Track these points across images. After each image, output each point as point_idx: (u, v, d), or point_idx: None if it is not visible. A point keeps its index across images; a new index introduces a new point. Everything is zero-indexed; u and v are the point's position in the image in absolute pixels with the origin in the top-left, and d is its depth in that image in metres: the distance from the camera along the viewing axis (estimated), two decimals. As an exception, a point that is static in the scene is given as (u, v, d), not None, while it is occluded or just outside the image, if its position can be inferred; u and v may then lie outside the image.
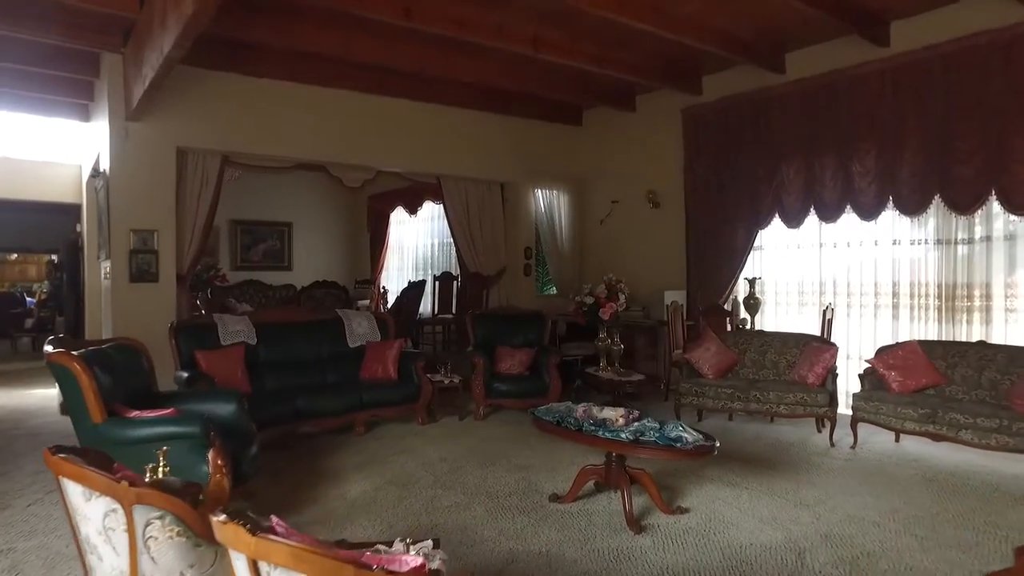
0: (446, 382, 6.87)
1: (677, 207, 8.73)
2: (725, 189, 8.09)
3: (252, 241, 12.31)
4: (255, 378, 6.11)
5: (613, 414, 4.41)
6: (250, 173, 11.87)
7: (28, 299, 15.86)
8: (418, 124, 8.62)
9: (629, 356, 7.53)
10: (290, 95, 7.72)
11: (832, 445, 5.80)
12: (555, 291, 10.34)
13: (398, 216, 12.20)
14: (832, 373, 5.96)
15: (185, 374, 5.50)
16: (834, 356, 6.00)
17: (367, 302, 11.45)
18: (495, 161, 9.40)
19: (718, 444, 4.03)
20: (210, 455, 3.72)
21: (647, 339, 8.02)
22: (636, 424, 4.18)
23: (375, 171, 8.65)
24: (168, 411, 3.78)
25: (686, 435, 3.97)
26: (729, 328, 7.58)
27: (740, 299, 7.90)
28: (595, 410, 4.49)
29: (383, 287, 12.04)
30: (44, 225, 13.41)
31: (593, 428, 4.15)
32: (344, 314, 6.98)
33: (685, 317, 8.02)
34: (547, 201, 9.83)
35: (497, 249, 9.66)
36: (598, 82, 8.60)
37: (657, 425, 4.15)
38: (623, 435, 3.99)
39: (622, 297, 6.89)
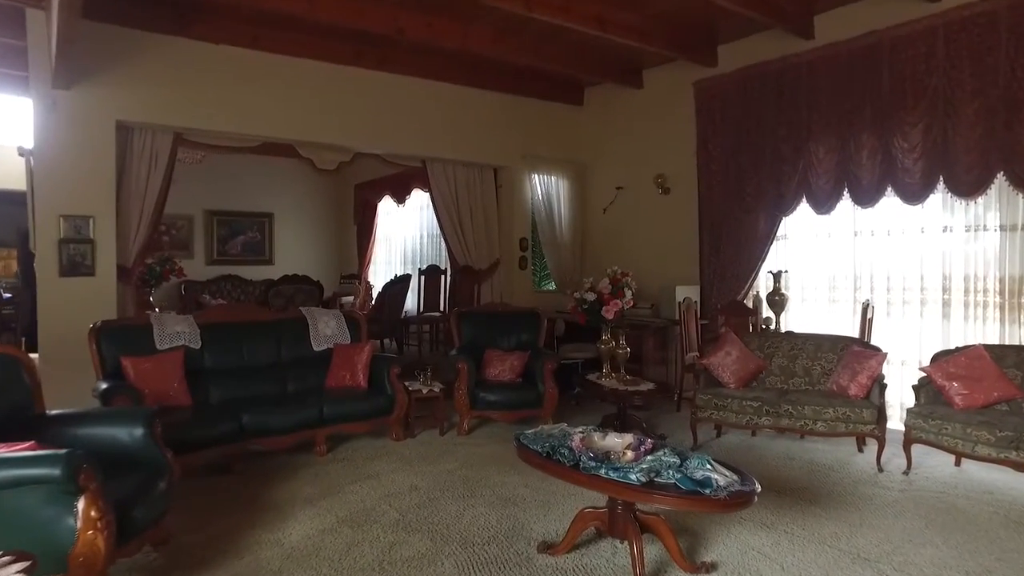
0: (424, 391, 5.87)
1: (689, 193, 7.70)
2: (744, 172, 7.06)
3: (230, 233, 11.33)
4: (197, 389, 5.12)
5: (619, 443, 3.40)
6: (223, 158, 10.90)
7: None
8: (399, 100, 7.60)
9: (636, 360, 6.52)
10: (251, 65, 6.71)
11: (880, 470, 4.77)
12: (554, 286, 9.33)
13: (386, 206, 11.19)
14: (879, 383, 4.92)
15: (104, 385, 4.51)
16: (881, 363, 4.97)
17: (352, 299, 10.46)
18: (487, 143, 8.39)
19: (758, 488, 3.02)
20: (80, 505, 2.74)
21: (656, 341, 7.00)
22: (649, 459, 3.17)
23: (351, 153, 7.65)
24: (22, 445, 2.79)
25: (715, 476, 2.96)
26: (752, 329, 6.55)
27: (762, 295, 6.88)
28: (596, 437, 3.49)
29: (369, 282, 11.05)
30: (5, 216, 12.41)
31: (594, 464, 3.14)
32: (308, 312, 5.98)
33: (699, 315, 7.01)
34: (545, 188, 8.82)
35: (490, 240, 8.67)
36: (601, 51, 7.57)
37: (676, 460, 3.14)
38: (633, 476, 2.98)
39: (628, 293, 5.88)
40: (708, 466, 3.04)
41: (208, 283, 10.84)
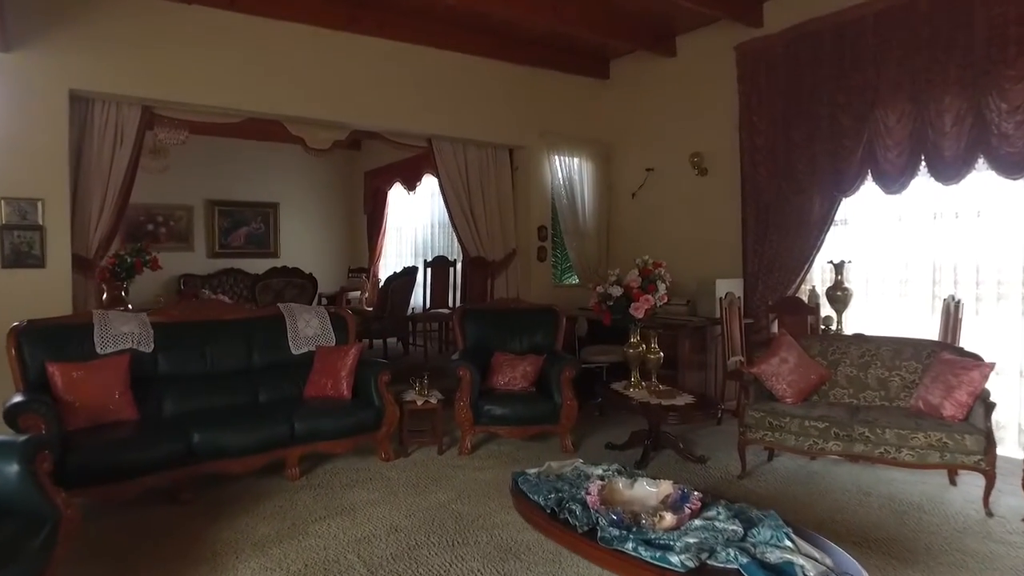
0: (420, 402, 4.92)
1: (730, 173, 6.64)
2: (795, 147, 5.97)
3: (232, 224, 10.51)
4: (147, 401, 4.25)
5: (653, 494, 2.41)
6: (224, 144, 10.10)
7: None
8: (400, 71, 6.66)
9: (670, 365, 5.49)
10: (231, 28, 5.81)
11: (990, 514, 3.70)
12: (576, 280, 8.33)
13: (396, 194, 10.28)
14: (984, 402, 3.83)
15: (18, 399, 3.64)
16: (985, 376, 3.88)
17: (360, 294, 9.58)
18: (501, 120, 7.41)
19: (866, 579, 2.01)
20: None
21: (693, 343, 5.96)
22: (697, 524, 2.18)
23: (347, 131, 6.72)
24: None
25: (799, 561, 1.95)
26: (810, 330, 5.47)
27: (819, 289, 5.81)
28: (620, 485, 2.50)
29: (378, 277, 10.18)
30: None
31: (617, 534, 2.15)
32: (287, 310, 5.07)
33: (743, 313, 5.96)
34: (567, 170, 7.81)
35: (504, 229, 7.69)
36: (629, 14, 6.55)
37: (737, 528, 2.14)
38: (676, 558, 1.99)
39: (662, 287, 4.87)
40: (787, 542, 2.03)
41: (209, 277, 10.06)
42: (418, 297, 8.16)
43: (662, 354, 4.98)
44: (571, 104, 7.89)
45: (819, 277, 6.05)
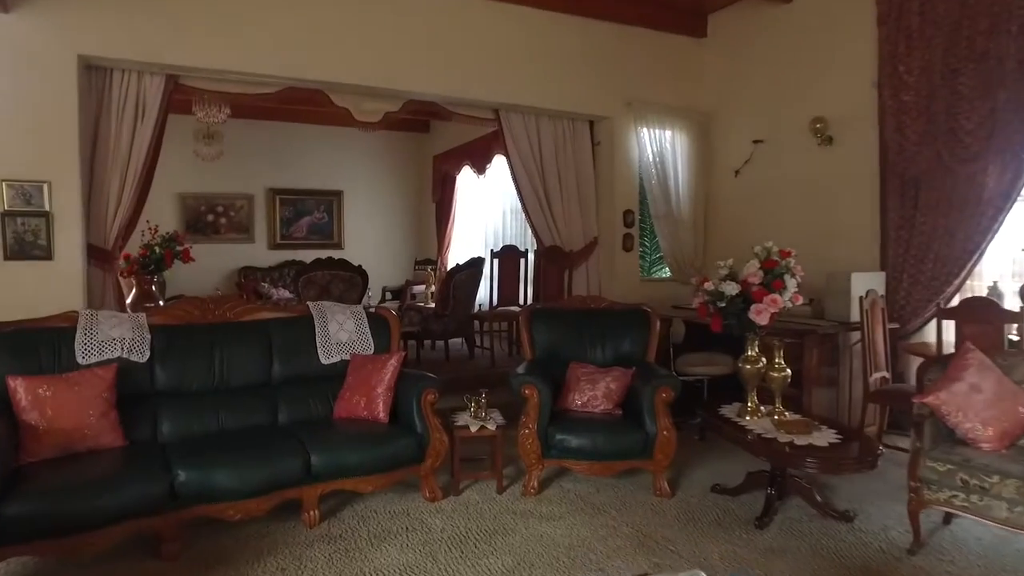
0: (474, 428, 3.88)
1: (864, 141, 5.28)
2: (962, 101, 4.55)
3: (294, 214, 9.83)
4: (139, 422, 3.42)
5: None
6: (285, 129, 9.40)
7: None
8: (461, 28, 5.64)
9: (791, 381, 4.23)
10: (263, -19, 4.98)
11: None
12: (668, 273, 7.11)
13: (465, 178, 9.32)
14: None
15: (-37, 425, 2.85)
16: None
17: (425, 288, 8.66)
18: (581, 87, 6.27)
19: None
20: None
21: (821, 353, 4.65)
22: None
23: (400, 100, 5.75)
24: None
25: None
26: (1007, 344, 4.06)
27: (1004, 288, 4.40)
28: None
29: (446, 269, 9.24)
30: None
31: None
32: (318, 309, 4.14)
33: (886, 317, 4.62)
34: (658, 145, 6.59)
35: (584, 214, 6.56)
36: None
37: None
38: None
39: (791, 283, 3.64)
40: None
41: (270, 270, 9.42)
42: (485, 292, 7.14)
43: (789, 371, 3.75)
44: (662, 67, 6.66)
45: (985, 270, 4.65)
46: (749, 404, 3.78)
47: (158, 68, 4.83)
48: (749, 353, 3.78)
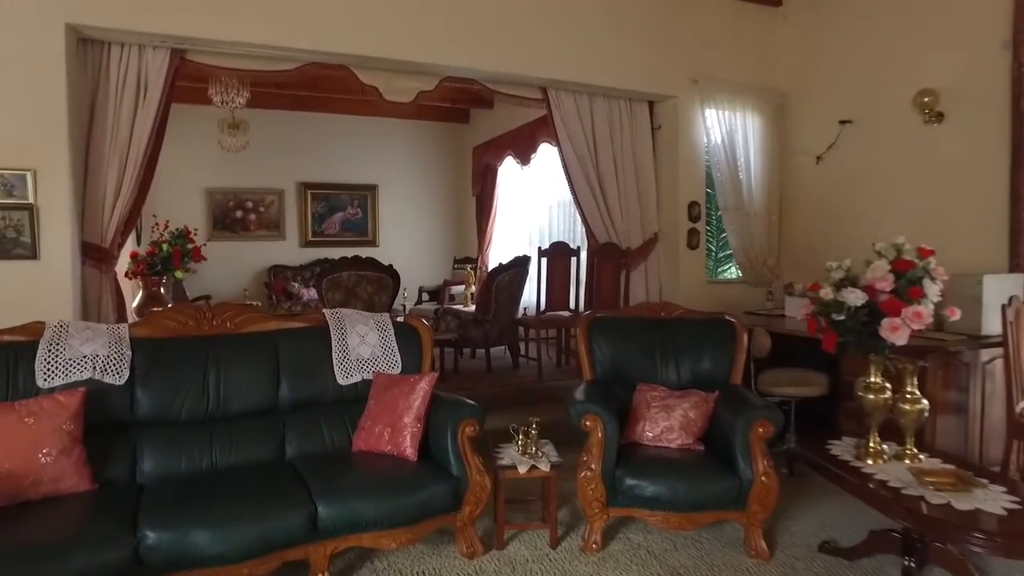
0: (523, 469, 3.12)
1: (987, 114, 4.36)
2: None
3: (327, 210, 9.21)
4: (114, 459, 2.77)
5: None
6: (317, 120, 8.79)
7: None
8: (505, -6, 4.92)
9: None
10: (279, -60, 4.31)
11: None
12: (736, 273, 6.28)
13: (508, 170, 8.57)
14: None
15: None
16: None
17: (464, 288, 7.95)
18: (640, 62, 5.46)
19: None
20: None
21: (948, 375, 3.76)
22: None
23: (435, 78, 5.03)
24: None
25: None
26: None
27: None
28: None
29: (487, 268, 8.53)
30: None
31: None
32: (335, 319, 3.44)
33: (1027, 328, 3.70)
34: (727, 128, 5.74)
35: (644, 206, 5.77)
36: None
37: None
38: None
39: (933, 290, 2.79)
40: None
41: (301, 268, 8.83)
42: (531, 294, 6.38)
43: (926, 403, 2.90)
44: (731, 40, 5.80)
45: None
46: (871, 443, 2.94)
47: (160, 40, 4.20)
48: (873, 379, 2.94)
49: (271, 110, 8.44)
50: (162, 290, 4.77)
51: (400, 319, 3.62)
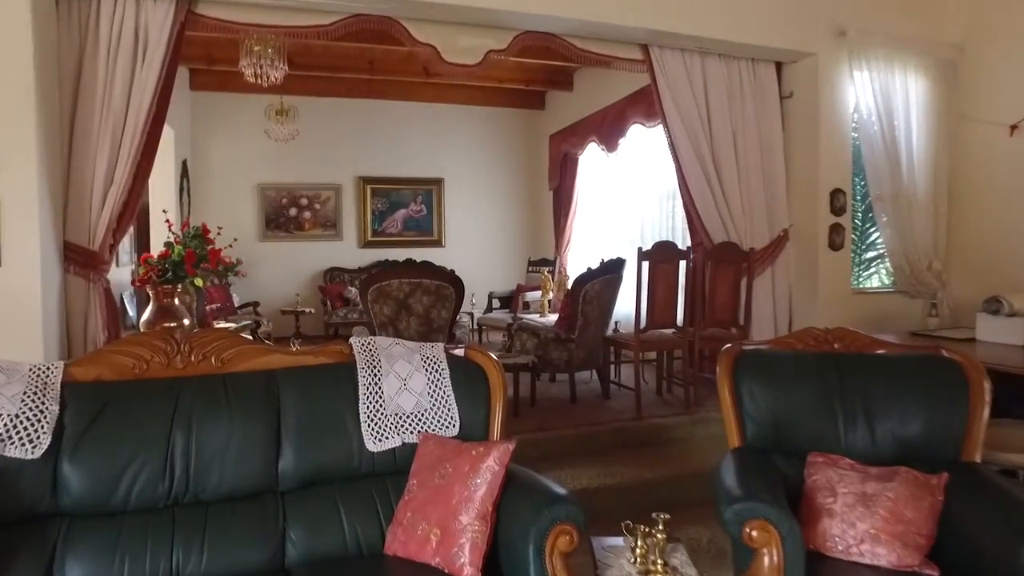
0: (650, 601, 1.96)
1: None
2: None
3: (388, 206, 8.27)
4: (17, 570, 1.78)
5: None
6: (376, 109, 7.86)
7: None
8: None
9: None
10: None
11: None
12: (881, 280, 4.94)
13: (591, 158, 7.38)
14: None
15: None
16: None
17: (541, 296, 6.82)
18: (766, 9, 4.22)
19: None
20: None
21: None
22: None
23: (508, 34, 3.91)
24: None
25: None
26: None
27: None
28: None
29: (566, 273, 7.39)
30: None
31: None
32: (366, 351, 2.36)
33: None
34: (882, 93, 4.39)
35: (771, 196, 4.52)
36: None
37: None
38: None
39: None
40: None
41: (359, 272, 7.93)
42: (624, 305, 5.18)
43: None
44: (889, -20, 4.47)
45: None
46: None
47: (162, -11, 3.27)
48: None
49: (326, 98, 7.58)
50: (176, 301, 3.84)
51: (460, 350, 2.51)
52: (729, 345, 2.57)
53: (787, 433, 2.40)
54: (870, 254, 5.11)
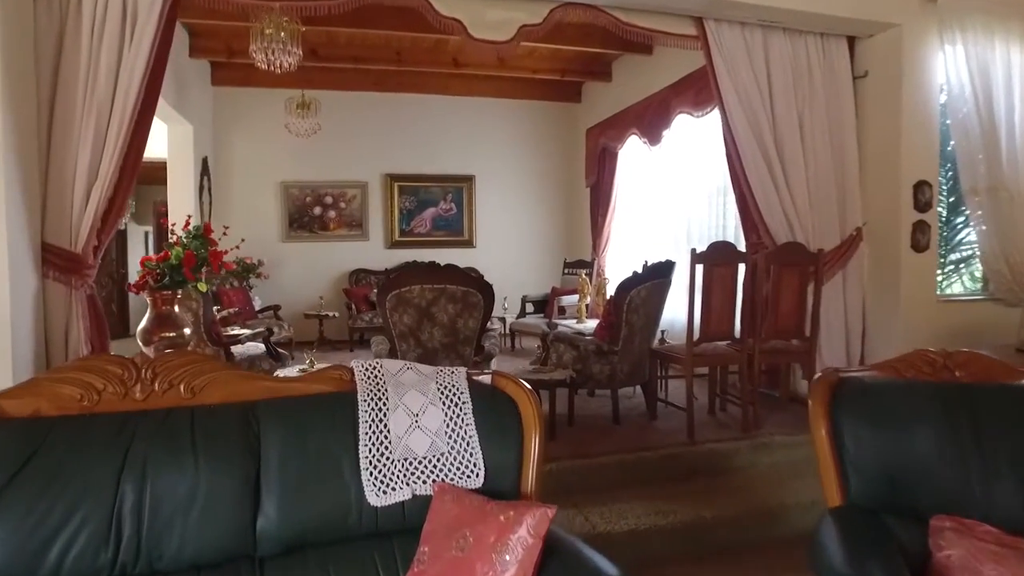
0: None
1: None
2: None
3: (416, 205, 7.85)
4: None
5: None
6: (404, 103, 7.47)
7: None
8: None
9: None
10: None
11: None
12: (966, 286, 4.33)
13: (632, 152, 6.85)
14: None
15: None
16: None
17: (577, 299, 6.31)
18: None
19: None
20: None
21: None
22: None
23: (546, 6, 3.43)
24: None
25: None
26: None
27: None
28: None
29: (605, 276, 6.87)
30: None
31: None
32: (371, 383, 1.91)
33: None
34: (979, 70, 3.80)
35: (843, 190, 3.96)
36: None
37: None
38: None
39: None
40: None
41: (387, 273, 7.51)
42: (672, 312, 4.64)
43: None
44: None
45: None
46: None
47: (152, -46, 2.86)
48: None
49: (352, 92, 7.21)
50: (176, 308, 3.44)
51: (486, 376, 2.04)
52: (825, 370, 2.04)
53: (903, 488, 1.86)
54: (953, 256, 4.49)
